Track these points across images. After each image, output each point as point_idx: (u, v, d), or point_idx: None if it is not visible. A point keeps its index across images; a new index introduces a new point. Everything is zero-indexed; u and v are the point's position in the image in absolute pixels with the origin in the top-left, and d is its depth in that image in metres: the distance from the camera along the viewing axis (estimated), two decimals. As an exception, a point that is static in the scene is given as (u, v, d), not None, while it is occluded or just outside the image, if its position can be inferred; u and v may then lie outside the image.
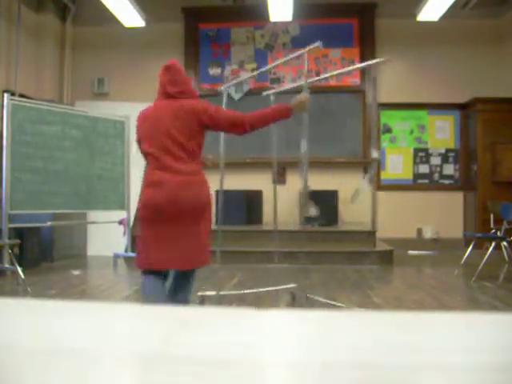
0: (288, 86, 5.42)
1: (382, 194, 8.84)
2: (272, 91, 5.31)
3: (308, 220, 7.04)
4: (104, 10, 7.70)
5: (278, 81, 8.98)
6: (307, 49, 3.52)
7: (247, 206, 8.05)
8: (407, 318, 0.62)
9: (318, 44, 3.29)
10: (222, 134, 4.88)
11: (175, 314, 0.65)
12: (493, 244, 6.00)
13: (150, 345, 0.52)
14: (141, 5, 8.01)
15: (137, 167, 8.22)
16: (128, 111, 7.58)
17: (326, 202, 8.10)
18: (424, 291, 5.33)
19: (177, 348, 0.51)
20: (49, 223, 6.50)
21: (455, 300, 4.96)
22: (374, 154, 3.91)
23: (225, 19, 9.09)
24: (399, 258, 7.39)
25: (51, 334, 0.55)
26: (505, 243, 6.28)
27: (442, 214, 8.80)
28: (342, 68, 8.92)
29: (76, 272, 6.44)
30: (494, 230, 6.60)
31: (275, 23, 8.83)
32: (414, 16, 8.09)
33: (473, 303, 4.86)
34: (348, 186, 8.66)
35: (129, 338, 0.55)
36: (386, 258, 7.13)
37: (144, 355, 0.49)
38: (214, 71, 9.12)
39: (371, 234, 7.45)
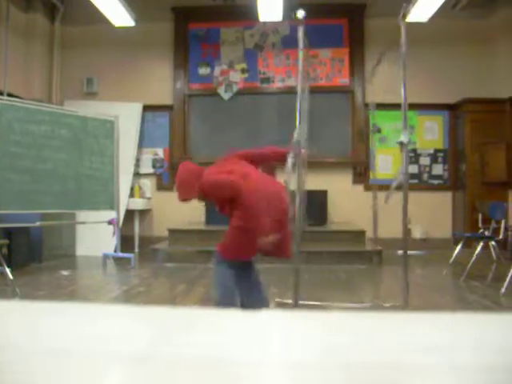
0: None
1: (371, 194, 8.86)
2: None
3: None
4: (93, 9, 7.66)
5: (267, 81, 8.98)
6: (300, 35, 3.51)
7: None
8: (397, 318, 0.62)
9: (300, 12, 3.27)
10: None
11: (165, 314, 0.65)
12: (481, 244, 6.03)
13: (140, 345, 0.52)
14: (130, 4, 7.98)
15: (125, 167, 8.22)
16: (117, 111, 7.57)
17: (316, 201, 8.12)
18: (414, 291, 5.35)
19: (169, 348, 0.51)
20: (38, 223, 6.47)
21: (444, 299, 4.99)
22: (404, 138, 3.74)
23: (214, 19, 9.08)
24: (388, 258, 7.41)
25: (41, 335, 0.55)
26: (493, 243, 6.33)
27: (431, 214, 8.84)
28: (332, 68, 8.95)
29: (65, 272, 6.41)
30: (482, 230, 6.65)
31: (265, 23, 8.83)
32: (404, 16, 8.10)
33: (462, 302, 4.89)
34: (336, 185, 8.70)
35: (118, 339, 0.55)
36: (376, 258, 7.15)
37: (134, 356, 0.49)
38: (204, 71, 9.11)
39: (361, 234, 7.47)
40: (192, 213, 8.41)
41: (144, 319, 0.62)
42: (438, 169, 9.00)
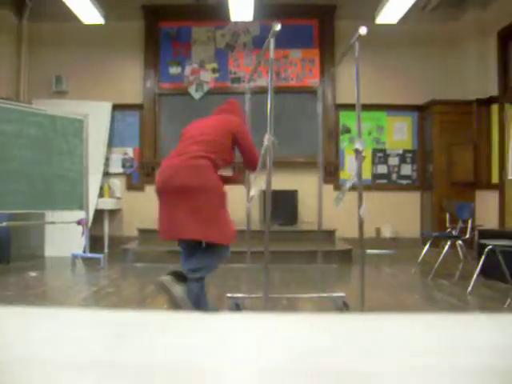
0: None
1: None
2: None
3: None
4: (62, 6, 7.56)
5: (238, 80, 8.99)
6: (270, 35, 3.52)
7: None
8: (365, 320, 0.62)
9: (276, 25, 3.30)
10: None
11: (121, 318, 0.63)
12: (448, 243, 6.14)
13: (94, 351, 0.50)
14: (100, 1, 7.91)
15: (95, 167, 8.13)
16: (87, 110, 7.48)
17: (286, 201, 8.16)
18: (383, 289, 5.41)
19: (123, 354, 0.49)
20: (5, 223, 6.36)
21: (413, 297, 5.06)
22: (358, 145, 3.87)
23: (186, 18, 9.04)
24: (358, 257, 7.47)
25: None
26: (460, 242, 6.43)
27: (400, 214, 8.95)
28: (303, 68, 9.00)
29: (33, 273, 6.32)
30: (449, 229, 6.75)
31: (236, 23, 8.83)
32: (374, 18, 8.20)
33: (430, 301, 4.96)
34: (306, 185, 8.74)
35: (72, 344, 0.53)
36: (346, 257, 7.21)
37: (88, 362, 0.47)
38: (175, 70, 9.07)
39: (331, 234, 7.52)
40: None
41: (101, 323, 0.60)
42: (406, 169, 9.11)
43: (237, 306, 4.19)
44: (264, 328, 0.59)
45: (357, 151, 3.80)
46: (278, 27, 3.45)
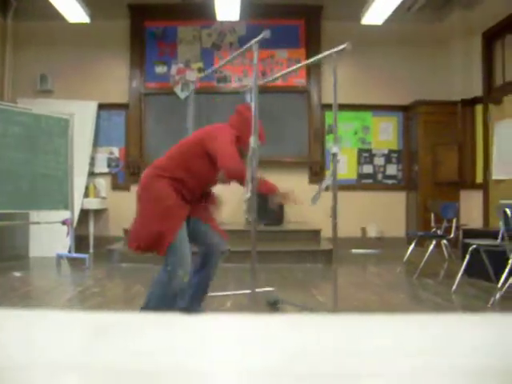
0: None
1: (326, 194, 8.93)
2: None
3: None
4: (47, 4, 7.51)
5: (224, 80, 8.98)
6: (255, 40, 3.55)
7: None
8: (353, 321, 0.62)
9: (265, 33, 3.32)
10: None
11: (97, 319, 0.61)
12: (433, 242, 6.18)
13: (66, 353, 0.49)
14: (85, 0, 7.86)
15: (80, 166, 8.08)
16: (72, 109, 7.44)
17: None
18: (368, 289, 5.44)
19: (97, 357, 0.48)
20: (-11, 223, 6.31)
21: (398, 297, 5.09)
22: (334, 149, 3.94)
23: (172, 17, 9.02)
24: (344, 257, 7.51)
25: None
26: (445, 241, 6.49)
27: (386, 214, 8.99)
28: (288, 68, 9.01)
29: (18, 274, 6.27)
30: (434, 229, 6.80)
31: (222, 23, 8.82)
32: (359, 19, 8.23)
33: (415, 300, 5.00)
34: (293, 185, 8.74)
35: (47, 346, 0.52)
36: (331, 257, 7.22)
37: (64, 364, 0.46)
38: (160, 70, 9.04)
39: (316, 234, 7.54)
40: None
41: (80, 324, 0.59)
42: (392, 169, 9.16)
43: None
44: (249, 329, 0.59)
45: (334, 155, 3.87)
46: (267, 35, 3.47)
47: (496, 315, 0.63)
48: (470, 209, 8.30)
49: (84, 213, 8.39)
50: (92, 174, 8.78)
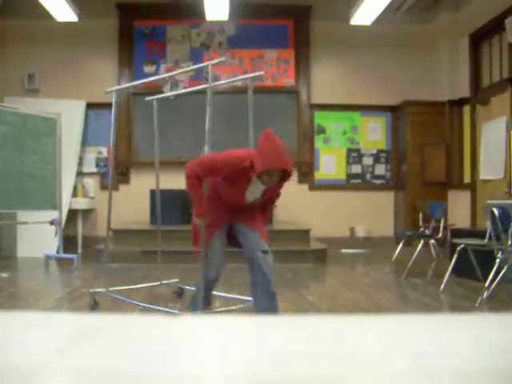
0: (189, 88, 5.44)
1: (315, 194, 8.99)
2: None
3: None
4: (35, 2, 7.46)
5: (213, 79, 8.96)
6: (211, 62, 3.61)
7: (183, 205, 7.99)
8: (340, 321, 0.61)
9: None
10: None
11: (77, 321, 0.60)
12: (421, 242, 6.20)
13: (43, 355, 0.48)
14: (73, -1, 7.82)
15: (68, 166, 8.04)
16: (60, 108, 7.40)
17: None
18: (357, 288, 5.45)
19: (75, 359, 0.47)
20: (-24, 223, 6.26)
21: (386, 297, 5.11)
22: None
23: (160, 17, 9.00)
24: (333, 257, 7.53)
25: None
26: (433, 241, 6.52)
27: (374, 213, 9.02)
28: (278, 68, 9.03)
29: (4, 274, 6.22)
30: (422, 229, 6.83)
31: (211, 22, 8.81)
32: (348, 19, 8.25)
33: (403, 300, 5.01)
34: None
35: (20, 348, 0.50)
36: (320, 257, 7.25)
37: (45, 366, 0.45)
38: (149, 69, 9.01)
39: (305, 233, 7.55)
40: (136, 212, 8.32)
41: (53, 326, 0.58)
42: (380, 169, 9.19)
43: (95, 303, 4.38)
44: (238, 330, 0.58)
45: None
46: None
47: (487, 315, 0.63)
48: (458, 209, 8.35)
49: (72, 213, 8.35)
50: (80, 174, 8.74)
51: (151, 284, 5.05)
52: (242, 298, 4.28)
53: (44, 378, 0.43)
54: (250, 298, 3.86)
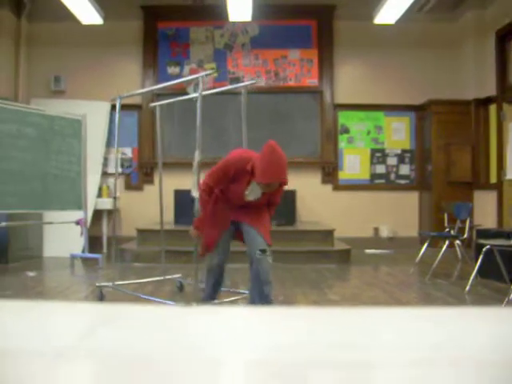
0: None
1: (339, 194, 8.95)
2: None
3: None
4: (60, 6, 7.56)
5: (237, 80, 8.99)
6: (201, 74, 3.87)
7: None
8: (359, 314, 0.62)
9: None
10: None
11: (109, 309, 0.63)
12: (446, 242, 6.14)
13: (67, 340, 0.51)
14: (98, 2, 7.91)
15: (93, 167, 8.13)
16: (85, 109, 7.49)
17: (285, 201, 8.14)
18: (380, 288, 5.42)
19: (97, 343, 0.50)
20: (3, 224, 6.36)
21: (410, 297, 5.07)
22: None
23: (184, 18, 9.05)
24: (356, 257, 7.49)
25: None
26: (458, 242, 6.44)
27: (398, 214, 8.96)
28: (301, 68, 9.01)
29: (31, 273, 6.32)
30: (447, 229, 6.76)
31: (234, 23, 8.83)
32: (372, 18, 8.21)
33: (427, 300, 4.97)
34: (305, 185, 8.75)
35: (49, 334, 0.53)
36: (344, 257, 7.22)
37: (70, 349, 0.47)
38: (173, 70, 9.07)
39: (329, 234, 7.53)
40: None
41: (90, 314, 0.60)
42: (404, 169, 9.12)
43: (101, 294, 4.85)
44: (258, 320, 0.59)
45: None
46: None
47: (504, 308, 0.62)
48: (484, 209, 8.25)
49: (97, 213, 8.44)
50: (105, 175, 8.82)
51: (156, 279, 5.43)
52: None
53: (68, 360, 0.45)
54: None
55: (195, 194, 4.10)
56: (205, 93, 5.27)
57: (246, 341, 0.54)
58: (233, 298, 4.51)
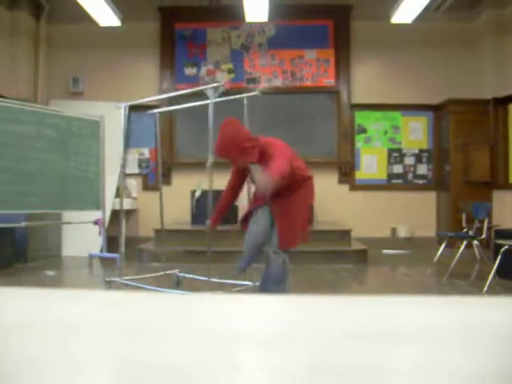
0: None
1: (356, 194, 8.93)
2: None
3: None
4: (79, 8, 7.64)
5: (254, 81, 9.01)
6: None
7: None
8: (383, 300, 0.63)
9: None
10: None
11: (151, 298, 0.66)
12: (464, 243, 6.10)
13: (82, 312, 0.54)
14: (116, 3, 7.97)
15: (112, 167, 8.19)
16: (103, 111, 7.54)
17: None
18: (397, 289, 5.40)
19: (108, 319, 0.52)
20: (23, 223, 6.44)
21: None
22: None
23: (201, 19, 9.08)
24: (374, 257, 7.47)
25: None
26: (476, 242, 6.40)
27: (416, 214, 8.91)
28: (318, 68, 9.00)
29: (50, 273, 6.39)
30: (465, 229, 6.71)
31: (251, 24, 8.85)
32: (389, 18, 8.18)
33: (445, 301, 4.94)
34: (322, 185, 8.73)
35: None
36: (361, 258, 7.20)
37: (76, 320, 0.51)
38: (190, 71, 9.11)
39: (346, 234, 7.51)
40: (178, 213, 8.41)
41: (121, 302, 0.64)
42: (422, 169, 9.07)
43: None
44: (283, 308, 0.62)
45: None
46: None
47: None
48: (503, 209, 8.17)
49: (116, 213, 8.50)
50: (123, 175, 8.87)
51: (158, 274, 5.73)
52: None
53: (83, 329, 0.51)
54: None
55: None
56: (218, 99, 5.41)
57: (257, 323, 0.57)
58: (239, 288, 4.65)
